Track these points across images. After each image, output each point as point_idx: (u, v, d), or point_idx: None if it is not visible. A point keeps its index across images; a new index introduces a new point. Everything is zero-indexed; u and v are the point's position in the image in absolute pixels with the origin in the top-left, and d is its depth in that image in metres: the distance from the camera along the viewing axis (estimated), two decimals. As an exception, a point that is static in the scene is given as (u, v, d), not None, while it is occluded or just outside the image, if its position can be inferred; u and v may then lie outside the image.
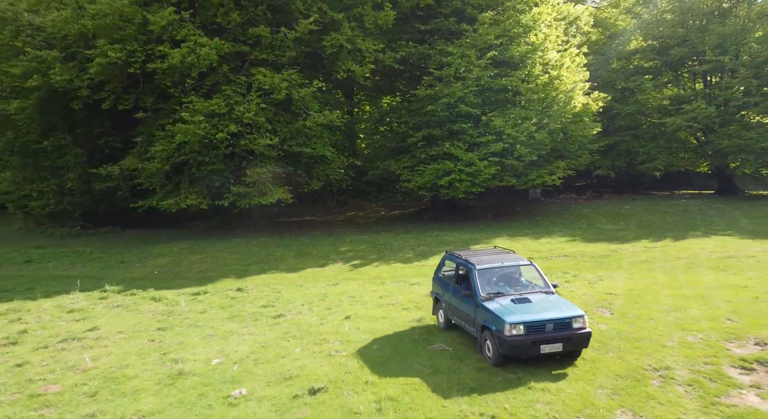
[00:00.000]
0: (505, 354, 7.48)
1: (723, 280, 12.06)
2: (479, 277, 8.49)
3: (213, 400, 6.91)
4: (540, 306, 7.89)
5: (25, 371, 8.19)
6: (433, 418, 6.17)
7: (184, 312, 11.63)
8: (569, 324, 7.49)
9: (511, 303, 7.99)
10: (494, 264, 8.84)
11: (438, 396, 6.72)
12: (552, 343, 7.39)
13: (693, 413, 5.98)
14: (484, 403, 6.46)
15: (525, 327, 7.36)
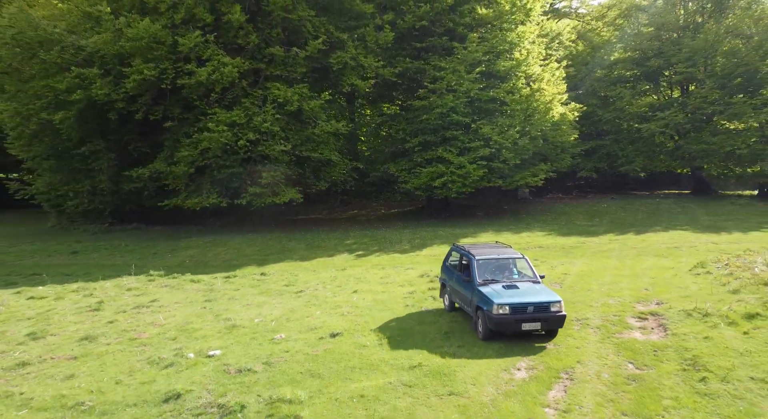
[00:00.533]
0: (492, 330, 9.04)
1: (659, 264, 14.96)
2: (477, 266, 10.06)
3: (262, 341, 9.81)
4: (525, 292, 9.43)
5: (117, 326, 11.10)
6: (420, 343, 9.09)
7: (222, 290, 14.52)
8: (548, 307, 9.01)
9: (501, 288, 9.54)
10: (491, 255, 10.41)
11: (422, 337, 9.62)
12: (532, 322, 8.95)
13: (594, 343, 8.89)
14: (454, 338, 9.38)
15: (510, 308, 8.92)
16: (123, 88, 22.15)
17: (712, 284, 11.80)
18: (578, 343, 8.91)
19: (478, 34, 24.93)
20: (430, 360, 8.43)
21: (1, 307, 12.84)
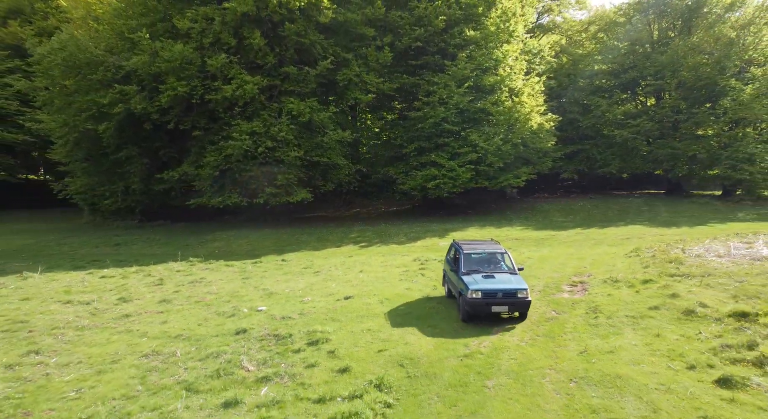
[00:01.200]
0: (468, 311, 10.77)
1: (606, 251, 18.69)
2: (464, 258, 11.89)
3: (294, 302, 13.53)
4: (499, 281, 11.00)
5: (181, 293, 14.84)
6: (410, 303, 12.84)
7: (253, 271, 18.24)
8: (515, 293, 10.69)
9: (480, 277, 11.17)
10: (478, 250, 12.25)
11: (412, 298, 13.36)
12: (500, 306, 10.68)
13: (534, 300, 12.62)
14: (434, 295, 13.14)
15: (482, 293, 10.64)
16: (158, 102, 25.92)
17: (634, 262, 15.56)
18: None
19: (466, 53, 28.64)
20: (416, 311, 12.18)
21: (85, 282, 16.60)
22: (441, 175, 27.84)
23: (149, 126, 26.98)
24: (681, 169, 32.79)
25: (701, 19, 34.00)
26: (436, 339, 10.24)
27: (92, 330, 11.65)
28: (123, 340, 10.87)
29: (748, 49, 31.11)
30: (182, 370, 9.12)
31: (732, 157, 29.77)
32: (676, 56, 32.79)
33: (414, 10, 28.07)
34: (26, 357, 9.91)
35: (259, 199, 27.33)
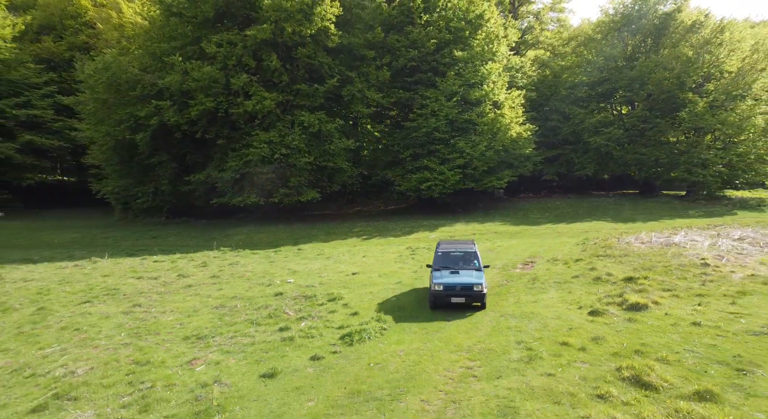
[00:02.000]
0: (433, 301, 13.03)
1: (562, 241, 23.23)
2: (436, 256, 14.12)
3: (314, 276, 18.08)
4: (462, 276, 12.90)
5: (224, 272, 19.36)
6: (400, 277, 17.41)
7: (276, 257, 22.79)
8: (471, 287, 12.63)
9: (447, 273, 13.15)
10: (451, 249, 14.32)
11: (403, 274, 17.92)
12: (458, 297, 12.68)
13: (492, 274, 17.17)
14: (420, 271, 17.72)
15: (443, 286, 12.71)
16: (187, 115, 30.48)
17: (577, 248, 20.13)
18: (486, 275, 17.22)
19: (455, 70, 33.18)
20: (404, 281, 16.75)
21: (144, 265, 21.17)
22: (433, 178, 32.39)
23: (179, 135, 31.55)
24: (647, 172, 37.33)
25: (667, 38, 38.55)
26: (418, 297, 14.81)
27: (168, 294, 16.22)
28: (195, 299, 15.44)
29: (704, 66, 35.64)
30: (245, 315, 13.67)
31: (688, 161, 34.34)
32: (644, 71, 37.35)
33: (409, 34, 32.63)
34: (133, 308, 14.48)
35: (274, 198, 31.91)
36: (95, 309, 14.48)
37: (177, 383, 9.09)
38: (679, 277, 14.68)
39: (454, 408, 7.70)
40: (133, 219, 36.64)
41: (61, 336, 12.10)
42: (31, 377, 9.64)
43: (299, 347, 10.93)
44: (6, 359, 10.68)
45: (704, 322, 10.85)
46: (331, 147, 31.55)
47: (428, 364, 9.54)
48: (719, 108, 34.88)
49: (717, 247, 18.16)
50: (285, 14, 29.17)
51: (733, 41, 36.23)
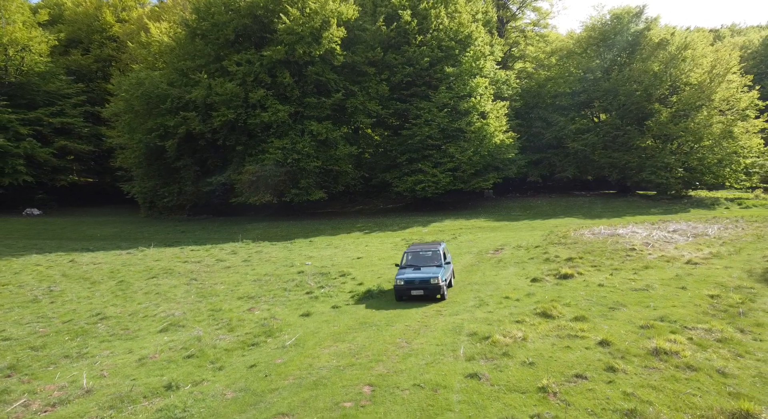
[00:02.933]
0: (397, 294, 15.08)
1: (533, 233, 28.00)
2: (404, 255, 16.47)
3: (326, 261, 22.84)
4: (421, 272, 15.04)
5: (253, 258, 24.12)
6: (398, 258, 22.23)
7: (292, 247, 27.56)
8: (428, 281, 14.71)
9: (410, 270, 15.36)
10: (417, 249, 16.51)
11: (398, 259, 22.71)
12: (417, 290, 14.77)
13: (468, 257, 21.96)
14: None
15: (404, 281, 14.85)
16: (210, 124, 35.29)
17: (541, 238, 24.92)
18: (459, 260, 22.04)
19: (446, 84, 38.00)
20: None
21: (184, 253, 25.96)
22: (426, 180, 37.20)
23: (203, 142, 36.35)
24: (619, 174, 42.15)
25: (638, 54, 43.35)
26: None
27: (213, 273, 21.01)
28: (236, 276, 20.23)
29: (669, 80, 40.41)
30: (278, 285, 18.46)
31: (653, 165, 39.14)
32: (617, 84, 42.16)
33: (405, 53, 37.45)
34: (191, 282, 19.25)
35: (286, 197, 36.75)
36: (163, 282, 19.30)
37: (245, 319, 13.89)
38: (608, 258, 19.49)
39: (425, 327, 12.49)
40: (158, 216, 41.43)
41: (148, 297, 16.92)
42: (145, 318, 14.44)
43: (322, 302, 15.75)
44: (118, 309, 15.48)
45: (607, 285, 15.65)
46: (337, 152, 36.34)
47: (411, 309, 14.34)
48: (682, 117, 39.69)
49: (650, 237, 22.97)
50: (297, 37, 33.97)
51: (695, 57, 41.05)
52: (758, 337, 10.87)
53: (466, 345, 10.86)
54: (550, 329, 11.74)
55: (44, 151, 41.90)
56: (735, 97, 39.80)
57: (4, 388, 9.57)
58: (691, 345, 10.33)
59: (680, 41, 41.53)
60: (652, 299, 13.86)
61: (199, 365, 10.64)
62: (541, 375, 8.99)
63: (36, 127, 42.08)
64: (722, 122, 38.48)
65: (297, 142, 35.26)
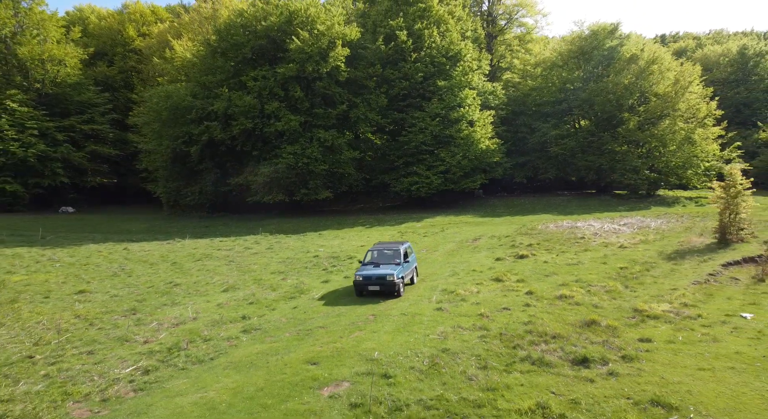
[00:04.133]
0: (356, 289, 16.76)
1: (509, 227, 33.41)
2: (368, 253, 18.20)
3: (335, 248, 28.27)
4: (379, 269, 16.57)
5: (274, 247, 29.60)
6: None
7: (306, 238, 32.98)
8: (384, 278, 16.21)
9: (370, 267, 16.95)
10: (380, 248, 18.21)
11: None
12: (374, 285, 16.32)
13: (449, 245, 27.41)
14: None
15: (362, 277, 16.42)
16: (230, 132, 40.72)
17: (513, 231, 30.35)
18: (443, 247, 27.49)
19: (438, 96, 43.43)
20: (395, 249, 27.05)
21: (214, 244, 31.39)
22: (420, 181, 42.63)
23: (223, 148, 41.79)
24: (594, 175, 47.65)
25: (612, 67, 48.82)
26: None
27: (245, 257, 26.42)
28: (264, 259, 25.67)
29: (638, 91, 45.89)
30: (299, 265, 23.88)
31: (623, 167, 44.62)
32: (593, 94, 47.62)
33: (401, 69, 42.91)
34: (229, 263, 24.68)
35: (296, 197, 42.20)
36: (207, 263, 24.77)
37: (281, 284, 19.34)
38: (560, 244, 24.96)
39: (412, 288, 17.94)
40: (180, 214, 46.83)
41: (201, 273, 22.35)
42: (207, 284, 19.88)
43: (336, 275, 21.22)
44: (184, 279, 20.91)
45: (550, 262, 21.11)
46: (341, 157, 41.79)
47: (403, 278, 19.76)
48: (649, 125, 45.18)
49: (601, 229, 28.45)
50: (307, 56, 39.42)
51: (662, 70, 46.52)
52: (634, 290, 16.39)
53: (437, 295, 16.36)
54: (497, 287, 17.24)
55: (78, 155, 47.29)
56: (695, 107, 45.24)
57: (138, 318, 15.04)
58: (585, 294, 15.83)
59: (648, 56, 46.97)
60: (578, 270, 19.36)
61: (258, 307, 16.12)
62: (482, 308, 14.45)
63: (70, 133, 47.47)
64: (683, 129, 43.91)
65: (306, 147, 40.66)
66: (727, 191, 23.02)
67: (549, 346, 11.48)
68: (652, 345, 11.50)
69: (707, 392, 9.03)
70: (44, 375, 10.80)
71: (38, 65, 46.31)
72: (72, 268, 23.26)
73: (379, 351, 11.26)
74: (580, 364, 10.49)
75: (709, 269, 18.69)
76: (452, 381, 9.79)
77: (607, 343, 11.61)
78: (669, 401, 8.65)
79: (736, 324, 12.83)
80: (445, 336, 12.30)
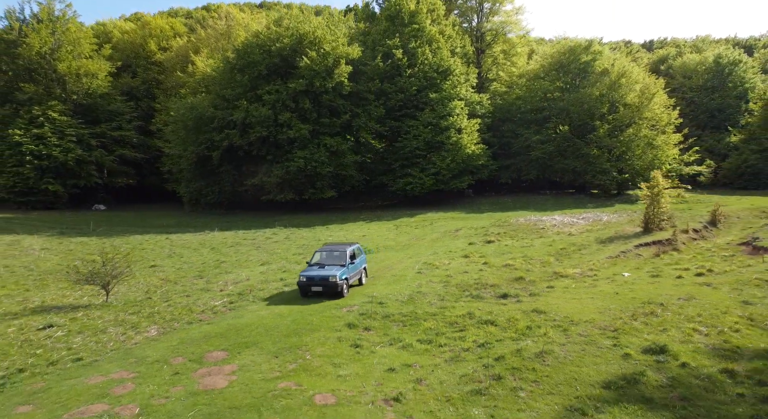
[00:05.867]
0: (300, 290, 17.85)
1: (488, 221, 40.07)
2: (316, 254, 19.39)
3: (342, 238, 34.96)
4: (323, 270, 17.60)
5: (290, 236, 36.26)
6: (389, 236, 34.45)
7: (317, 230, 39.61)
8: (327, 279, 17.24)
9: (315, 268, 17.98)
10: (328, 249, 19.38)
11: (390, 235, 34.89)
12: (317, 286, 17.31)
13: (436, 235, 34.09)
14: (400, 238, 34.81)
15: (305, 278, 17.47)
16: (247, 139, 47.37)
17: (491, 224, 37.01)
18: (429, 236, 34.17)
19: (430, 107, 50.09)
20: (390, 237, 33.71)
21: (239, 234, 38.05)
22: (414, 182, 49.28)
23: (241, 153, 48.47)
24: (570, 177, 54.36)
25: (586, 80, 55.53)
26: (398, 243, 31.72)
27: (268, 244, 33.03)
28: (285, 245, 32.31)
29: (608, 102, 52.58)
30: (314, 248, 30.50)
31: (594, 170, 51.30)
32: (569, 104, 54.31)
33: (397, 83, 49.59)
34: (258, 248, 31.33)
35: (305, 196, 48.89)
36: (240, 248, 31.46)
37: (303, 261, 25.98)
38: (523, 233, 31.61)
39: (400, 262, 24.62)
40: (201, 211, 53.50)
41: (237, 255, 28.99)
42: (246, 261, 26.53)
43: (344, 255, 27.90)
44: (227, 259, 27.53)
45: (510, 245, 27.77)
46: (345, 160, 48.46)
47: (393, 262, 26.42)
48: (618, 131, 51.87)
49: (561, 222, 35.09)
50: (314, 73, 46.08)
51: (630, 83, 53.21)
52: (561, 262, 23.08)
53: (419, 266, 23.08)
54: (464, 261, 23.97)
55: (109, 159, 53.93)
56: (658, 116, 51.93)
57: (206, 279, 21.72)
58: (524, 263, 22.52)
59: (618, 70, 53.64)
60: (528, 250, 26.04)
61: (290, 274, 22.80)
62: (450, 273, 21.14)
63: (101, 139, 54.09)
64: (647, 136, 50.58)
65: (314, 152, 47.28)
66: (651, 190, 29.63)
67: (486, 290, 18.17)
68: (553, 290, 18.19)
69: (569, 307, 15.70)
70: (166, 304, 17.50)
71: (75, 79, 52.91)
72: (134, 252, 29.92)
73: (376, 293, 17.95)
74: (501, 298, 17.18)
75: (624, 248, 25.36)
76: (421, 305, 16.49)
77: (525, 288, 18.30)
78: (543, 310, 15.32)
79: (615, 279, 19.51)
80: (420, 285, 19.01)
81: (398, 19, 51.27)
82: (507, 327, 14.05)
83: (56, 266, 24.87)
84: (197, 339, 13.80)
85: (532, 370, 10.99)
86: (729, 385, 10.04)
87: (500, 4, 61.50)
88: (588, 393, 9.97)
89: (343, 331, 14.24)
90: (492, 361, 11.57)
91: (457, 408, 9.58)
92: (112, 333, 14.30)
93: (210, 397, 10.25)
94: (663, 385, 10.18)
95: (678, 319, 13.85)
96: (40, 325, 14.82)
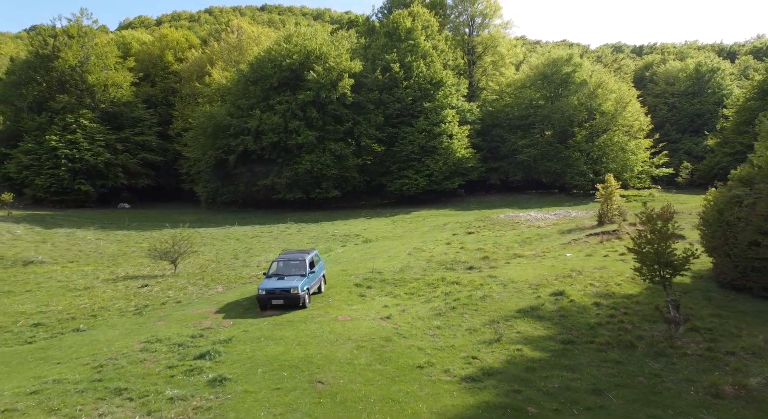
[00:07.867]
0: (259, 303, 17.53)
1: (473, 218, 46.62)
2: (273, 264, 19.25)
3: (346, 231, 41.52)
4: (283, 281, 17.38)
5: (302, 229, 42.81)
6: (386, 230, 41.05)
7: (323, 225, 46.17)
8: (289, 291, 17.09)
9: (274, 279, 17.71)
10: (287, 257, 19.49)
11: (388, 229, 41.48)
12: (277, 299, 17.15)
13: (426, 229, 40.67)
14: (397, 231, 41.46)
15: (265, 291, 17.26)
16: (260, 144, 53.96)
17: (474, 220, 43.56)
18: (421, 229, 40.75)
19: (424, 115, 56.69)
20: (387, 230, 40.32)
21: (255, 229, 44.59)
22: (410, 183, 55.88)
23: (254, 157, 55.07)
24: (552, 178, 60.98)
25: (567, 89, 62.15)
26: (395, 234, 38.33)
27: (284, 236, 39.59)
28: (298, 237, 38.89)
29: (587, 109, 59.18)
30: (324, 239, 37.08)
31: (572, 171, 57.89)
32: (551, 111, 60.91)
33: (395, 93, 56.21)
34: (276, 239, 37.89)
35: (311, 195, 55.51)
36: (261, 239, 38.06)
37: (317, 248, 32.55)
38: (499, 226, 38.14)
39: (394, 248, 31.20)
40: (216, 209, 60.06)
41: (260, 244, 35.55)
42: (269, 249, 33.09)
43: (349, 244, 34.49)
44: (253, 247, 34.07)
45: (485, 235, 34.32)
46: (347, 163, 55.05)
47: (389, 248, 32.96)
48: (594, 137, 58.47)
49: (534, 217, 41.62)
50: (320, 85, 52.67)
51: (606, 92, 59.82)
52: (523, 247, 29.63)
53: (409, 250, 29.67)
54: (445, 247, 30.58)
55: (133, 162, 60.52)
56: (629, 123, 58.56)
57: (243, 260, 28.29)
58: (492, 248, 29.10)
59: (596, 80, 60.26)
60: (500, 239, 32.61)
61: (308, 256, 29.41)
62: (433, 254, 27.76)
63: (126, 143, 60.67)
64: (620, 141, 57.17)
65: (320, 156, 53.84)
66: (605, 190, 36.19)
67: (458, 265, 24.76)
68: (509, 265, 24.74)
69: (513, 274, 22.23)
70: (219, 275, 24.05)
71: (102, 89, 59.50)
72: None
73: (375, 267, 24.55)
74: (468, 269, 23.77)
75: (577, 237, 31.89)
76: (408, 274, 23.10)
77: (488, 264, 24.87)
78: (496, 276, 21.88)
79: (558, 258, 26.04)
80: (409, 262, 25.63)
81: (395, 35, 57.93)
82: (467, 285, 20.63)
83: (117, 250, 31.44)
84: (253, 292, 20.34)
85: (475, 305, 17.58)
86: (593, 310, 16.63)
87: (489, 19, 68.21)
88: (505, 315, 16.55)
89: (353, 288, 20.81)
90: (451, 302, 18.15)
91: (425, 322, 16.16)
92: (191, 290, 20.87)
93: (272, 318, 16.81)
94: (553, 311, 16.77)
95: (585, 279, 20.42)
96: (139, 285, 21.37)
